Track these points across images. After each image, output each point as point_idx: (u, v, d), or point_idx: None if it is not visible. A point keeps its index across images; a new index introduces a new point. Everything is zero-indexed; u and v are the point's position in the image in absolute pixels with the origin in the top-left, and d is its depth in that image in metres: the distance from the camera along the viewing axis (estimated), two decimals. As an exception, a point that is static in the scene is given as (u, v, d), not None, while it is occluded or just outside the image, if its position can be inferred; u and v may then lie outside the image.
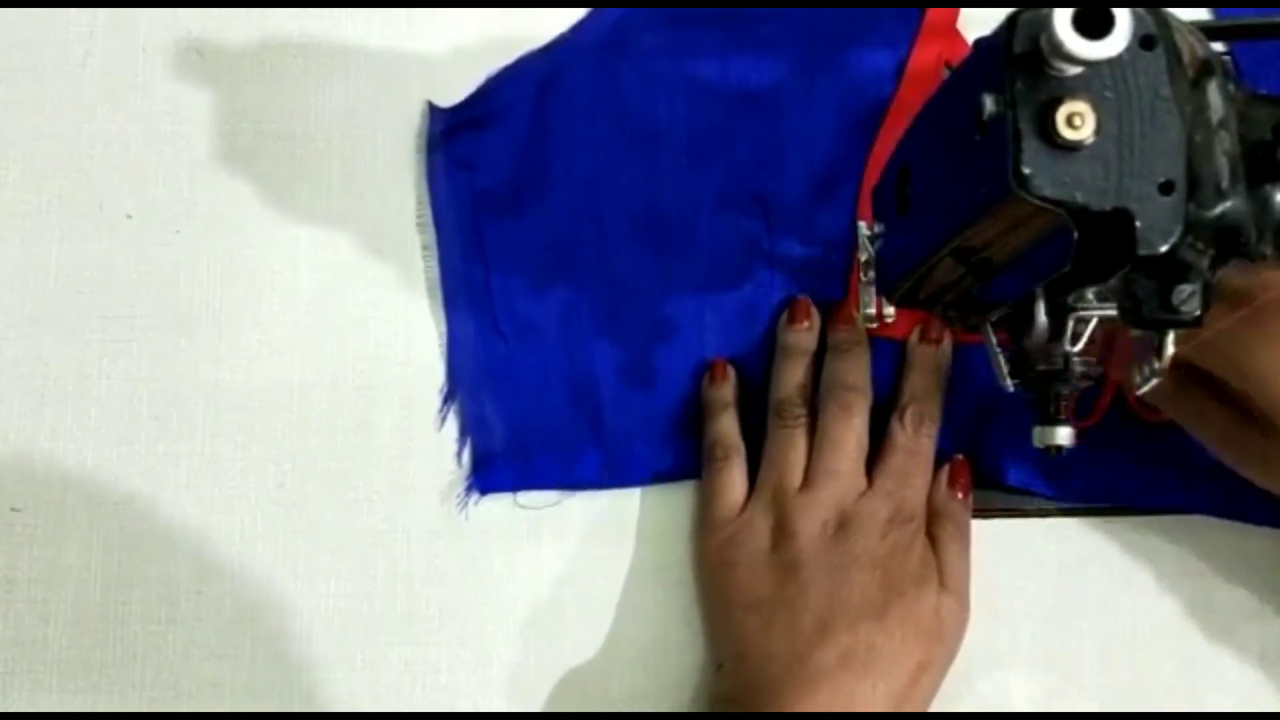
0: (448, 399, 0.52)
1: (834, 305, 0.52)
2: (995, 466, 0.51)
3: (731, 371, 0.51)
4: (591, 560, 0.51)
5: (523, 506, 0.51)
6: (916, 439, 0.49)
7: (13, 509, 0.50)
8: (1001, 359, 0.45)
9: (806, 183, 0.52)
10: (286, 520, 0.51)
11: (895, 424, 0.49)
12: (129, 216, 0.53)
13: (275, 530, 0.51)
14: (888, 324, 0.48)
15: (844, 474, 0.48)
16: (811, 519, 0.47)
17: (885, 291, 0.48)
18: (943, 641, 0.47)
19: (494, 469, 0.51)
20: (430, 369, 0.52)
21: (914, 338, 0.51)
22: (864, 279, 0.49)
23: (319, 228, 0.53)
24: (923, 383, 0.50)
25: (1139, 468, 0.51)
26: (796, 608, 0.46)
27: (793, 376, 0.50)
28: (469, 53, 0.55)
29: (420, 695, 0.50)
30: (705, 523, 0.50)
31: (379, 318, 0.53)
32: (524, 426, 0.51)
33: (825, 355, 0.51)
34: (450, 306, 0.52)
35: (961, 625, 0.48)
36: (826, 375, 0.50)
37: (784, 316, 0.51)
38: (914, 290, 0.44)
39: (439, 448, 0.52)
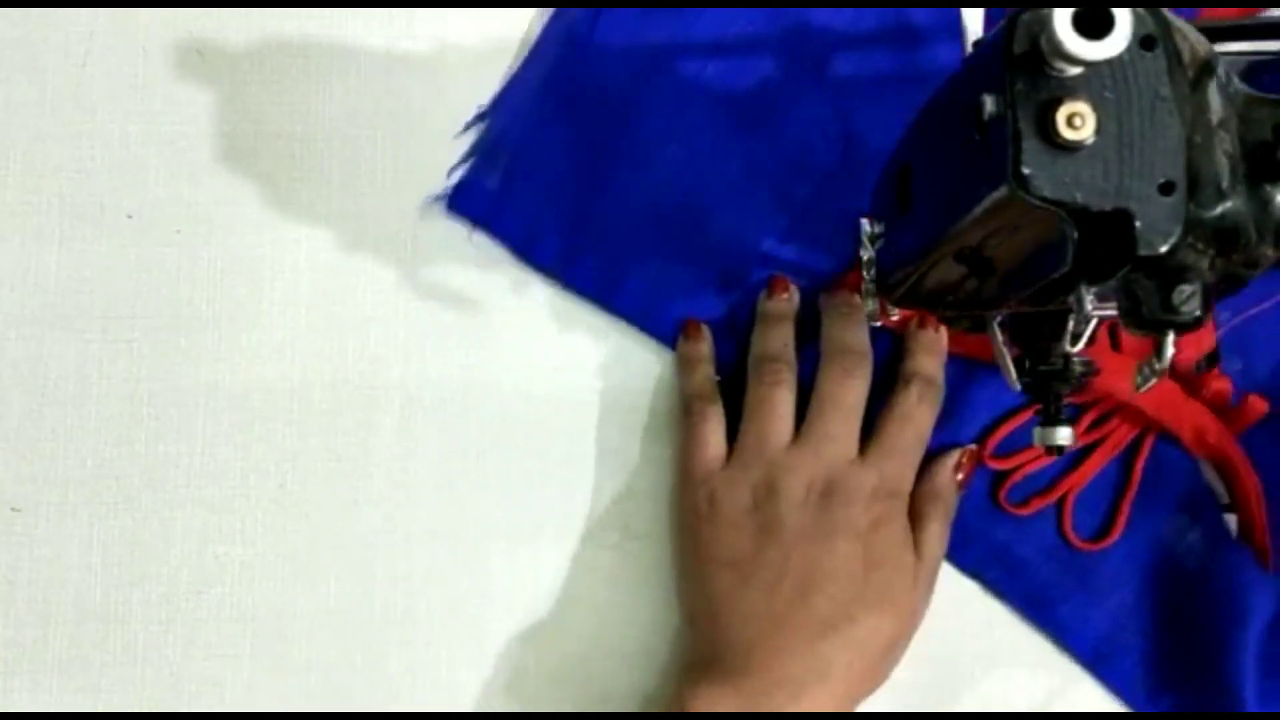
0: (481, 117, 0.53)
1: (833, 277, 0.52)
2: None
3: (706, 330, 0.51)
4: (591, 560, 0.51)
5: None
6: (918, 410, 0.49)
7: (13, 509, 0.50)
8: (1009, 359, 0.45)
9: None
10: (287, 520, 0.51)
11: (900, 392, 0.49)
12: (129, 217, 0.53)
13: (275, 530, 0.51)
14: (891, 319, 0.48)
15: (839, 438, 0.48)
16: (797, 480, 0.47)
17: (886, 291, 0.49)
18: (914, 619, 0.47)
19: (474, 193, 0.52)
20: (430, 369, 0.52)
21: (913, 325, 0.51)
22: (865, 278, 0.49)
23: (319, 228, 0.53)
24: (928, 361, 0.49)
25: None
26: (776, 569, 0.45)
27: (774, 337, 0.50)
28: (469, 53, 0.55)
29: (420, 695, 0.50)
30: (685, 477, 0.49)
31: (379, 318, 0.53)
32: (528, 181, 0.52)
33: (823, 320, 0.51)
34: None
35: (927, 605, 0.48)
36: (827, 338, 0.50)
37: (762, 292, 0.51)
38: (914, 290, 0.44)
39: (439, 447, 0.52)
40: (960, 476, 0.49)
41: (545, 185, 0.52)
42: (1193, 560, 0.50)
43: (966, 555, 0.51)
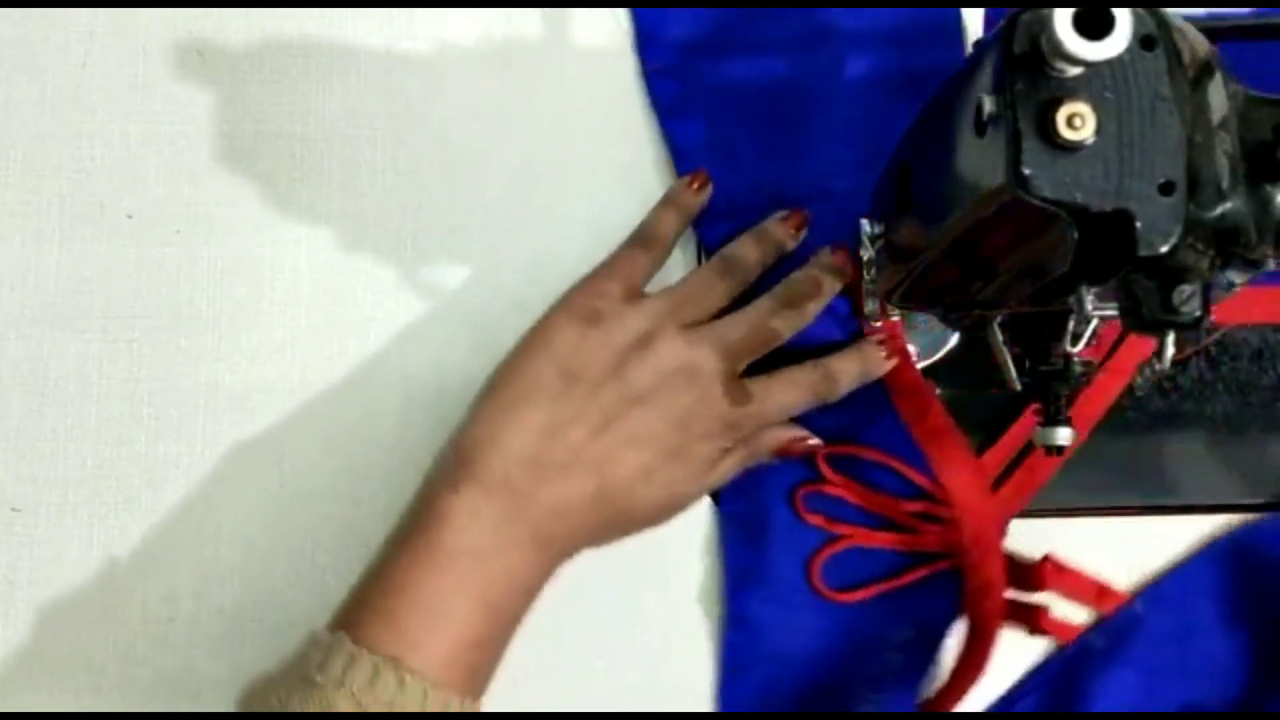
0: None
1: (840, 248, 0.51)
2: None
3: (710, 188, 0.52)
4: (592, 561, 0.51)
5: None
6: (806, 389, 0.48)
7: (13, 509, 0.50)
8: (1009, 359, 0.45)
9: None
10: (287, 520, 0.51)
11: (806, 365, 0.49)
12: (129, 217, 0.53)
13: (276, 530, 0.51)
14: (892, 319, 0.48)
15: (731, 346, 0.48)
16: (675, 353, 0.47)
17: (886, 290, 0.49)
18: (664, 520, 0.48)
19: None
20: (429, 369, 0.52)
21: (874, 338, 0.50)
22: (865, 278, 0.49)
23: (319, 228, 0.53)
24: (848, 367, 0.49)
25: None
26: (605, 409, 0.46)
27: (755, 248, 0.50)
28: (469, 53, 0.55)
29: (420, 695, 0.50)
30: (587, 284, 0.49)
31: (379, 318, 0.53)
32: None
33: (802, 267, 0.50)
34: None
35: (679, 513, 0.48)
36: (793, 282, 0.49)
37: (778, 214, 0.51)
38: (914, 289, 0.44)
39: (439, 448, 0.51)
40: (781, 446, 0.50)
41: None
42: (881, 666, 0.50)
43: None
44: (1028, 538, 0.51)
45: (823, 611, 0.49)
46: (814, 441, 0.50)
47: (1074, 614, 0.51)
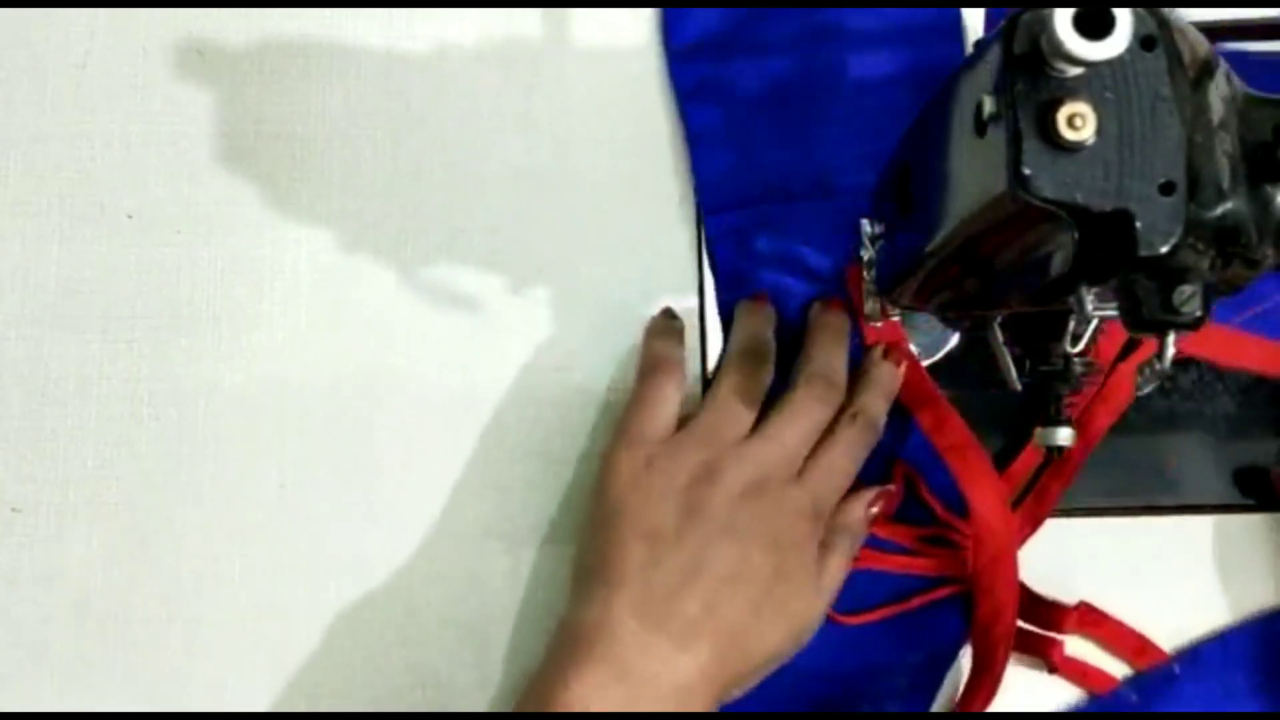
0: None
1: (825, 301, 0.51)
2: None
3: (680, 319, 0.52)
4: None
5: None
6: (857, 444, 0.48)
7: (13, 509, 0.50)
8: (1009, 359, 0.45)
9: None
10: (287, 521, 0.51)
11: (844, 423, 0.48)
12: (129, 217, 0.53)
13: (276, 531, 0.51)
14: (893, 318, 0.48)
15: (789, 448, 0.47)
16: (741, 472, 0.46)
17: (886, 291, 0.49)
18: (798, 641, 0.46)
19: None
20: (430, 369, 0.52)
21: (877, 354, 0.50)
22: (865, 278, 0.49)
23: (319, 228, 0.53)
24: (875, 401, 0.49)
25: None
26: (692, 558, 0.44)
27: (759, 332, 0.50)
28: (469, 53, 0.55)
29: (420, 695, 0.50)
30: (627, 433, 0.48)
31: (379, 318, 0.53)
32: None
33: (808, 335, 0.50)
34: None
35: (811, 634, 0.47)
36: (809, 358, 0.49)
37: (745, 300, 0.52)
38: (915, 290, 0.44)
39: (439, 447, 0.52)
40: (874, 512, 0.49)
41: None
42: (886, 688, 0.49)
43: None
44: (1029, 538, 0.51)
45: (829, 632, 0.49)
46: (890, 487, 0.50)
47: (1089, 652, 0.51)
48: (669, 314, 0.52)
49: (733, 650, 0.44)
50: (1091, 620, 0.50)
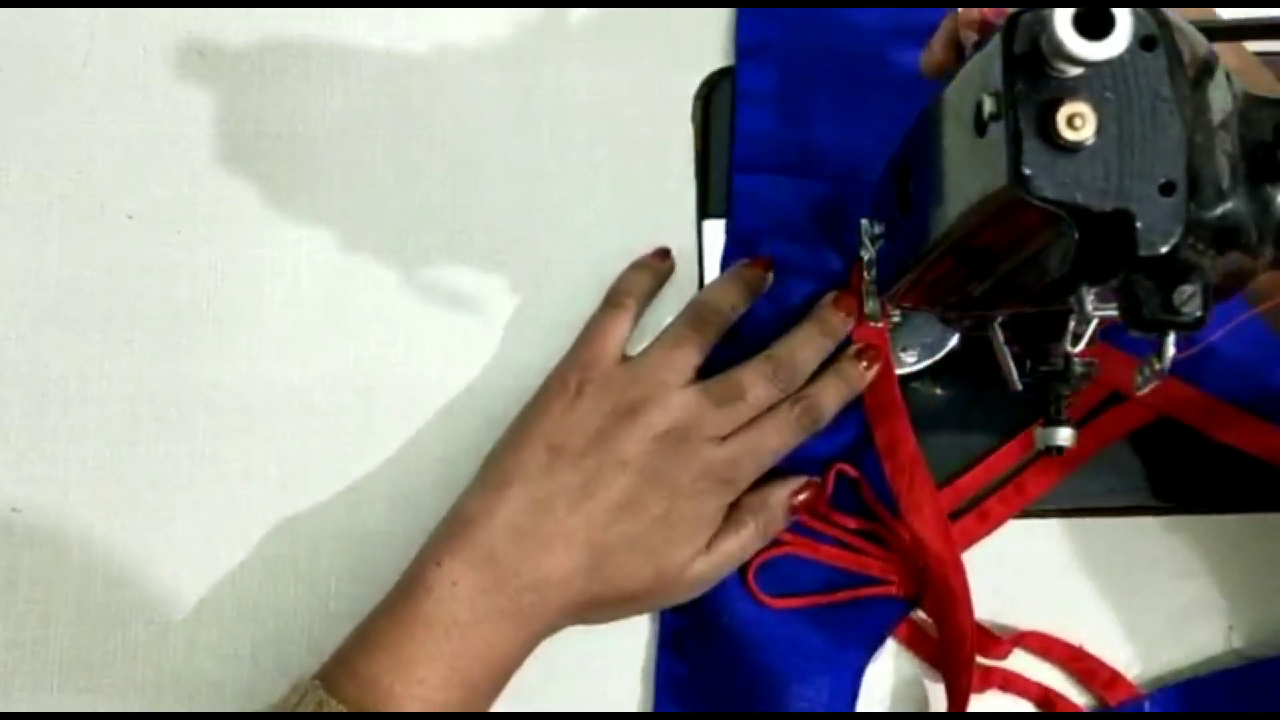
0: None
1: (841, 296, 0.51)
2: None
3: (673, 260, 0.53)
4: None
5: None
6: (793, 428, 0.48)
7: (13, 509, 0.50)
8: (1010, 359, 0.45)
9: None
10: (287, 521, 0.51)
11: (786, 404, 0.48)
12: (130, 217, 0.53)
13: (276, 531, 0.51)
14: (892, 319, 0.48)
15: (718, 411, 0.48)
16: (664, 416, 0.47)
17: (886, 290, 0.49)
18: (665, 595, 0.48)
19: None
20: (430, 369, 0.52)
21: (850, 351, 0.50)
22: (865, 278, 0.49)
23: (319, 228, 0.53)
24: (830, 397, 0.49)
25: None
26: (588, 479, 0.46)
27: (728, 293, 0.50)
28: (469, 53, 0.55)
29: (420, 695, 0.50)
30: (570, 355, 0.50)
31: (379, 318, 0.53)
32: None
33: (801, 323, 0.50)
34: None
35: (684, 596, 0.48)
36: (785, 343, 0.49)
37: (743, 260, 0.52)
38: (915, 290, 0.44)
39: (439, 447, 0.52)
40: (796, 501, 0.49)
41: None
42: (810, 668, 0.49)
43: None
44: (1029, 538, 0.51)
45: (756, 607, 0.49)
46: (817, 481, 0.50)
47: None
48: (662, 253, 0.53)
49: (597, 571, 0.46)
50: (1038, 644, 0.50)
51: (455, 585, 0.44)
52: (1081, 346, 0.39)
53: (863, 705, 0.50)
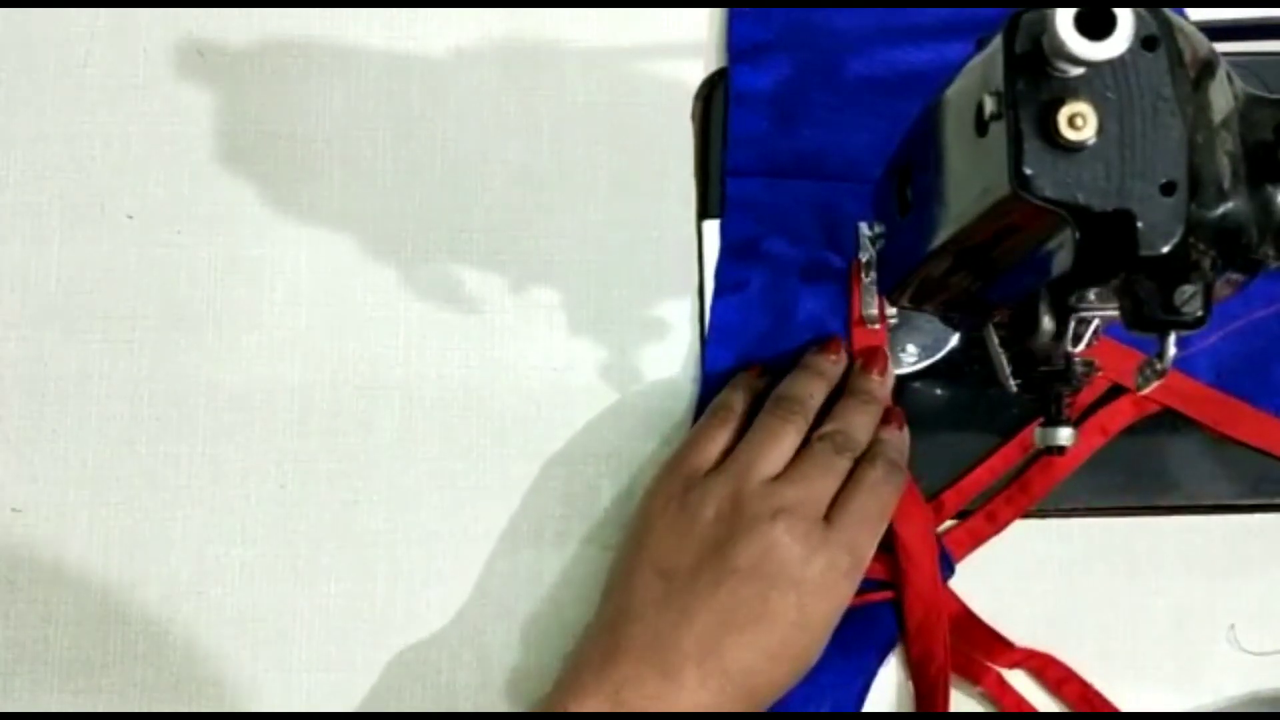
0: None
1: (870, 352, 0.51)
2: None
3: (764, 380, 0.51)
4: (591, 562, 0.51)
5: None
6: (884, 485, 0.47)
7: (13, 509, 0.50)
8: (1005, 360, 0.45)
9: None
10: (287, 521, 0.51)
11: (865, 466, 0.47)
12: (130, 217, 0.53)
13: (276, 531, 0.51)
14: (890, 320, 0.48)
15: (820, 494, 0.46)
16: (765, 511, 0.45)
17: (885, 291, 0.49)
18: (797, 678, 0.46)
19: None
20: (430, 369, 0.52)
21: (857, 367, 0.50)
22: (865, 279, 0.49)
23: (319, 228, 0.53)
24: (896, 444, 0.49)
25: None
26: (703, 596, 0.44)
27: (806, 385, 0.49)
28: (469, 53, 0.55)
29: (420, 695, 0.50)
30: (671, 466, 0.48)
31: (379, 318, 0.53)
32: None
33: (842, 398, 0.49)
34: None
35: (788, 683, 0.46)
36: (840, 419, 0.48)
37: (815, 345, 0.51)
38: (915, 291, 0.44)
39: (439, 447, 0.52)
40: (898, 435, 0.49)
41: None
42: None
43: None
44: (1029, 538, 0.51)
45: None
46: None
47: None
48: (760, 373, 0.51)
49: (738, 692, 0.43)
50: (1035, 663, 0.50)
51: None
52: (1082, 346, 0.39)
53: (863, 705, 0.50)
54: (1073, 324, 0.37)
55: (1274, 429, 0.51)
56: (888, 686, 0.50)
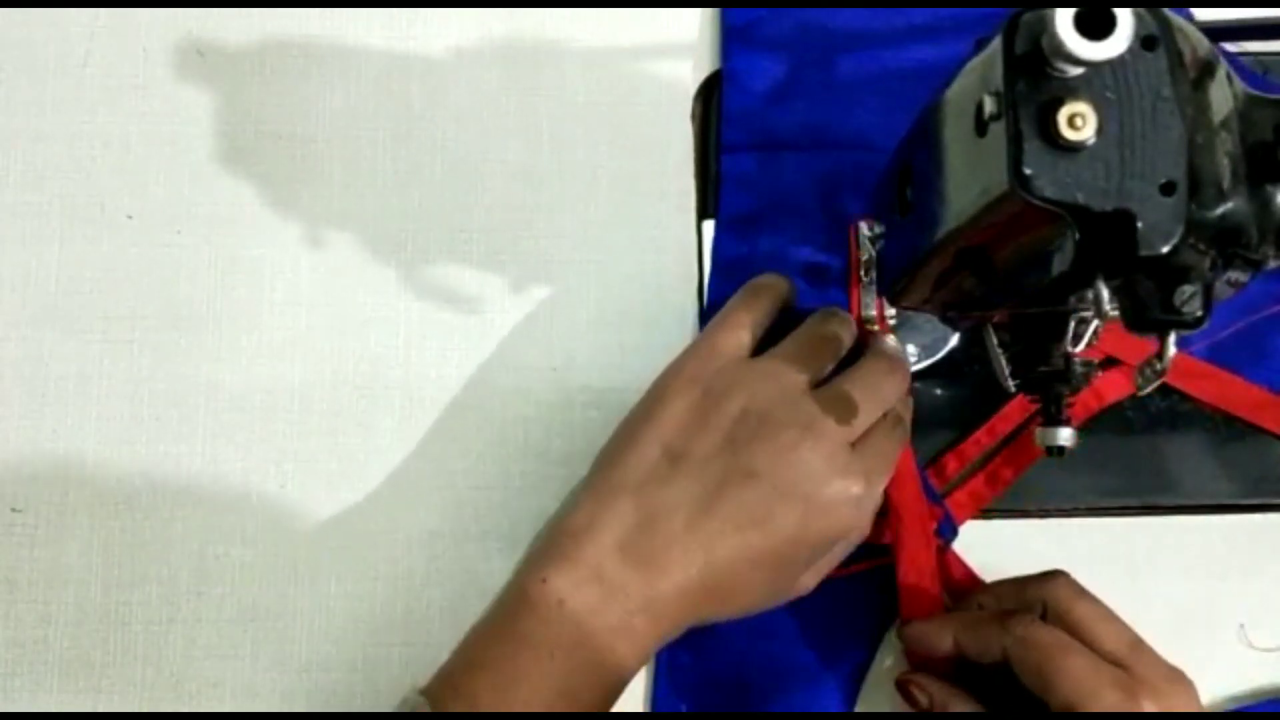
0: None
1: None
2: None
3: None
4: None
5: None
6: (898, 429, 0.47)
7: (13, 509, 0.50)
8: (1003, 360, 0.45)
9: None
10: (287, 521, 0.51)
11: (880, 426, 0.46)
12: (129, 217, 0.53)
13: (276, 531, 0.51)
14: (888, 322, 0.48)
15: (845, 422, 0.44)
16: (794, 419, 0.43)
17: (885, 291, 0.49)
18: (778, 604, 0.46)
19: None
20: (430, 369, 0.52)
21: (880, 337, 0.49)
22: (864, 279, 0.49)
23: (319, 228, 0.53)
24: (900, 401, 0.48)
25: None
26: (711, 489, 0.43)
27: (846, 323, 0.48)
28: (469, 53, 0.55)
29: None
30: (700, 345, 0.46)
31: (379, 319, 0.53)
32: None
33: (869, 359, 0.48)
34: None
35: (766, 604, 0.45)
36: (855, 373, 0.47)
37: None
38: (915, 291, 0.44)
39: (439, 448, 0.52)
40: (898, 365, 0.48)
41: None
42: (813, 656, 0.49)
43: None
44: (1029, 538, 0.51)
45: None
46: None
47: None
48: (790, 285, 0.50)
49: (715, 592, 0.43)
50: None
51: (561, 604, 0.41)
52: (1082, 346, 0.39)
53: (863, 705, 0.50)
54: (1073, 324, 0.37)
55: (1267, 402, 0.52)
56: (886, 685, 0.50)
